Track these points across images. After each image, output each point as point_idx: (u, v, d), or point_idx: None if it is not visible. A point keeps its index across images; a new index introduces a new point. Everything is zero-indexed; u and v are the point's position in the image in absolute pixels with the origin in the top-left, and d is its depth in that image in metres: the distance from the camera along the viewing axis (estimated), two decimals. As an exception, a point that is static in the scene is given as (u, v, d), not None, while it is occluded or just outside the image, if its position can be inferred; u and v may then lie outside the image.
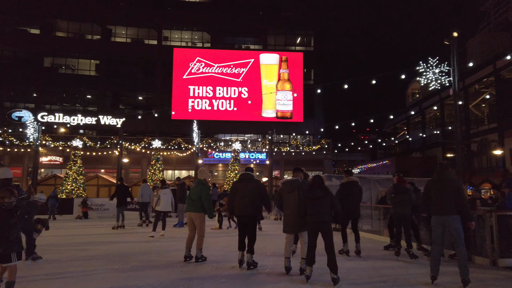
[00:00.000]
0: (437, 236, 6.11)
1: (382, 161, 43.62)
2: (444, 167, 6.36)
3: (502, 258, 7.40)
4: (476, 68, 30.67)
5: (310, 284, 5.82)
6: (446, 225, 5.97)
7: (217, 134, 38.85)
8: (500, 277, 6.49)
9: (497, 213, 7.62)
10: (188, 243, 7.65)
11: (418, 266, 7.37)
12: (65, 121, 33.68)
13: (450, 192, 6.03)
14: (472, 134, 31.99)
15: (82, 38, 39.24)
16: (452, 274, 6.42)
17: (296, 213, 6.39)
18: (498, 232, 7.42)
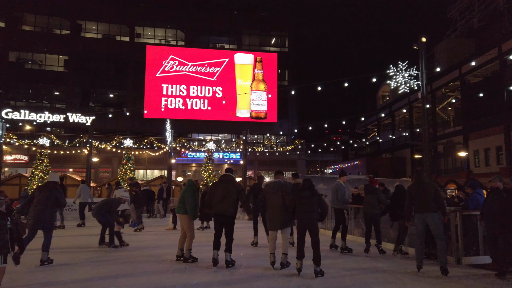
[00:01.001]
0: (421, 232, 6.99)
1: (353, 161, 44.53)
2: (420, 173, 7.52)
3: (466, 256, 7.71)
4: (442, 73, 31.84)
5: (301, 277, 6.38)
6: (427, 221, 6.85)
7: (190, 133, 38.48)
8: (464, 275, 6.76)
9: (461, 213, 7.92)
10: (180, 243, 7.71)
11: (391, 261, 7.56)
12: (31, 118, 32.40)
13: (429, 193, 6.97)
14: (439, 136, 33.17)
15: (50, 32, 37.85)
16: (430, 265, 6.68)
17: (279, 212, 6.93)
18: (463, 232, 7.72)
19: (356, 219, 11.50)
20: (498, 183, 7.26)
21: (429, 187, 7.06)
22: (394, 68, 14.88)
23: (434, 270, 7.00)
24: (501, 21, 31.16)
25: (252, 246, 9.73)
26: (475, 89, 29.12)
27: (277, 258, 7.06)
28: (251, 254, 8.53)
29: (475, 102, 28.97)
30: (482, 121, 28.11)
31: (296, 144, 35.94)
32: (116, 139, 30.58)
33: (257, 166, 35.85)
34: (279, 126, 38.03)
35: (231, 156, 33.85)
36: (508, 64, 25.85)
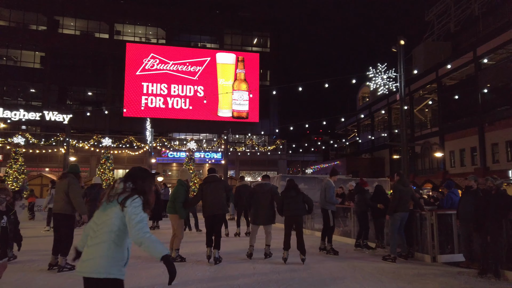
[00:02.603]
0: (397, 226, 7.86)
1: (334, 161, 45.03)
2: (402, 176, 8.30)
3: (441, 255, 7.91)
4: (420, 75, 32.59)
5: (288, 264, 7.41)
6: (403, 218, 7.88)
7: (171, 133, 38.10)
8: (439, 272, 6.93)
9: (437, 212, 8.13)
10: (171, 243, 7.73)
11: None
12: (5, 116, 31.41)
13: (409, 194, 8.00)
14: (416, 137, 33.91)
15: (26, 28, 36.75)
16: (407, 263, 6.80)
17: (265, 210, 7.80)
18: (438, 230, 7.92)
19: (336, 219, 11.63)
20: (472, 182, 7.48)
21: (410, 189, 8.13)
22: (374, 70, 15.11)
23: (411, 268, 7.19)
24: (476, 26, 32.14)
25: (236, 237, 10.85)
26: (451, 91, 29.93)
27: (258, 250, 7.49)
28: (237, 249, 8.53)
29: (451, 104, 29.77)
30: (458, 123, 28.91)
31: (278, 144, 36.09)
32: (94, 138, 29.99)
33: (239, 166, 35.82)
34: (261, 126, 38.10)
35: (213, 156, 33.71)
36: (482, 68, 26.69)
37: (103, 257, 2.63)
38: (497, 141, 24.95)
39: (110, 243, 2.68)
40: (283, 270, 6.91)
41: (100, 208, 2.85)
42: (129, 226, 2.69)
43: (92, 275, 2.61)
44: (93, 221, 2.81)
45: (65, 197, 6.65)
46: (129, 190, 2.83)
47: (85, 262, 2.66)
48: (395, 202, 7.86)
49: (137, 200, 2.77)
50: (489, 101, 26.22)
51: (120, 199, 2.77)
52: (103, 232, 2.71)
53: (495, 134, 25.03)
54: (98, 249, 2.67)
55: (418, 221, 8.42)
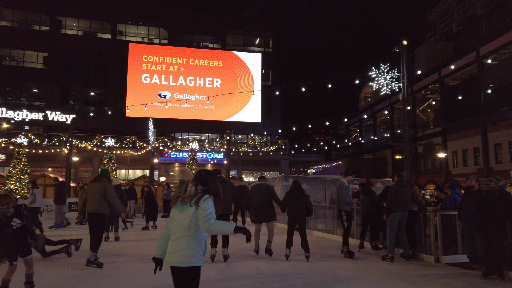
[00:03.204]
0: (395, 226, 7.97)
1: (336, 162, 45.00)
2: (401, 177, 8.34)
3: (444, 256, 7.90)
4: (423, 75, 32.51)
5: (290, 261, 7.77)
6: (402, 218, 7.94)
7: (173, 133, 38.16)
8: (443, 273, 6.92)
9: (440, 213, 8.12)
10: None
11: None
12: (8, 116, 31.52)
13: (408, 195, 8.06)
14: (419, 137, 33.84)
15: (29, 28, 36.87)
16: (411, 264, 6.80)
17: (263, 208, 8.19)
18: (442, 231, 7.91)
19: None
20: (473, 182, 7.43)
21: (409, 189, 8.16)
22: (376, 70, 15.10)
23: (415, 269, 7.19)
24: (479, 26, 32.04)
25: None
26: (453, 91, 29.86)
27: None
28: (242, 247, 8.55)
29: (453, 104, 29.69)
30: (460, 123, 28.83)
31: (280, 144, 36.08)
32: (97, 138, 30.05)
33: (241, 166, 35.85)
34: (263, 126, 38.11)
35: (215, 156, 33.72)
36: (485, 68, 26.61)
37: (186, 249, 3.20)
38: (500, 142, 24.87)
39: (190, 237, 3.23)
40: (286, 271, 6.92)
41: (176, 208, 3.37)
42: (201, 220, 3.18)
43: (179, 265, 3.19)
44: (174, 219, 3.36)
45: (101, 198, 7.24)
46: (200, 192, 3.32)
47: (172, 254, 3.23)
48: (391, 202, 7.99)
49: (208, 200, 3.28)
50: (492, 101, 26.14)
51: (193, 201, 3.26)
52: (183, 228, 3.25)
53: (498, 135, 24.96)
54: (181, 242, 3.23)
55: (422, 221, 8.41)
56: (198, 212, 3.20)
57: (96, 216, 7.25)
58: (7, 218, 5.21)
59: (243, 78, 38.30)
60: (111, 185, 7.57)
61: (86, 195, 7.47)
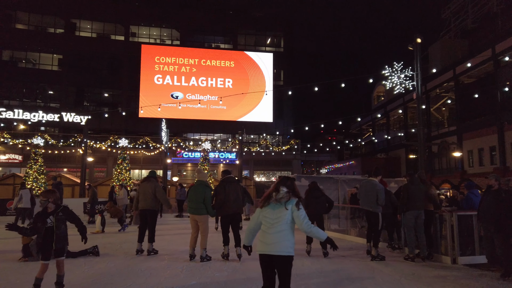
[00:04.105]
0: (412, 225, 7.91)
1: (349, 161, 44.69)
2: (412, 175, 8.27)
3: (461, 256, 7.76)
4: (437, 73, 32.03)
5: (311, 257, 8.16)
6: (417, 217, 7.85)
7: (186, 133, 38.40)
8: (460, 274, 6.80)
9: (457, 213, 7.98)
10: (192, 243, 7.77)
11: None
12: (25, 117, 32.15)
13: (422, 193, 7.97)
14: (433, 136, 33.38)
15: (44, 31, 37.56)
16: (427, 266, 6.71)
17: None
18: (458, 231, 7.77)
19: (353, 220, 11.55)
20: (493, 181, 7.18)
21: (421, 188, 8.10)
22: (390, 69, 14.96)
23: (431, 270, 7.09)
24: (495, 23, 31.43)
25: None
26: (469, 89, 29.36)
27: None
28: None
29: (469, 103, 29.20)
30: (476, 122, 28.34)
31: (292, 144, 35.99)
32: (111, 139, 30.43)
33: (253, 166, 35.88)
34: (275, 126, 38.07)
35: (227, 156, 33.82)
36: (501, 65, 26.10)
37: (285, 241, 3.87)
38: (517, 140, 24.37)
39: (288, 231, 3.91)
40: (300, 270, 6.88)
41: (269, 207, 4.02)
42: (298, 221, 3.93)
43: (281, 253, 3.83)
44: (265, 216, 4.00)
45: (153, 196, 8.23)
46: (288, 195, 4.00)
47: (271, 245, 3.86)
48: (404, 201, 8.01)
49: (298, 202, 4.01)
50: (508, 99, 25.62)
51: (284, 202, 3.96)
52: (280, 224, 3.90)
53: (515, 133, 24.45)
54: (281, 235, 3.87)
55: (438, 222, 8.29)
56: (294, 213, 3.93)
57: (149, 212, 8.27)
58: (44, 213, 5.22)
59: (255, 78, 38.33)
60: (159, 184, 8.59)
61: (137, 194, 8.46)
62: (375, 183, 8.12)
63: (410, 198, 7.92)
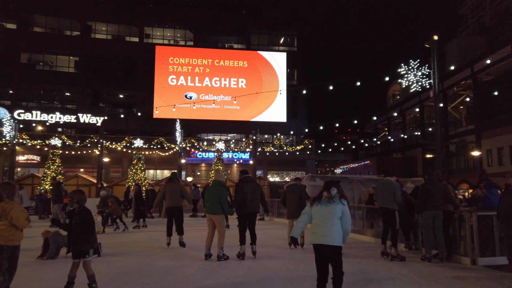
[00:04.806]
0: (429, 225, 7.78)
1: (364, 161, 44.22)
2: (432, 174, 8.11)
3: (481, 257, 7.57)
4: (454, 71, 31.42)
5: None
6: (435, 217, 7.70)
7: (200, 133, 38.60)
8: (480, 276, 6.64)
9: (477, 213, 7.79)
10: (208, 242, 7.83)
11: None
12: (43, 119, 32.79)
13: (440, 193, 7.77)
14: (451, 135, 32.76)
15: (61, 34, 38.27)
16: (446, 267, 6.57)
17: (295, 206, 9.30)
18: (478, 232, 7.59)
19: (368, 220, 11.41)
20: (511, 179, 7.09)
21: (439, 187, 7.87)
22: (406, 67, 14.72)
23: (450, 271, 6.94)
24: (514, 18, 30.67)
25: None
26: (487, 87, 28.70)
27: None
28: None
29: (487, 101, 28.54)
30: (495, 120, 27.68)
31: (306, 144, 35.81)
32: (126, 139, 30.80)
33: (267, 166, 35.83)
34: (289, 125, 37.94)
35: (241, 156, 33.86)
36: (522, 62, 25.45)
37: (337, 233, 4.57)
38: (538, 139, 23.72)
39: (338, 225, 4.60)
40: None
41: (321, 204, 4.71)
42: (347, 219, 4.66)
43: (333, 244, 4.53)
44: (318, 211, 4.70)
45: (178, 195, 9.32)
46: (338, 195, 4.70)
47: (325, 237, 4.55)
48: (421, 201, 7.87)
49: (345, 202, 4.73)
50: (529, 96, 24.96)
51: (336, 201, 4.65)
52: (332, 219, 4.60)
53: (536, 132, 23.81)
54: (333, 229, 4.57)
55: (457, 222, 8.11)
56: (345, 211, 4.65)
57: (176, 209, 9.31)
58: (71, 211, 5.38)
59: (268, 78, 38.29)
60: (183, 185, 9.89)
61: (162, 193, 9.38)
62: (392, 181, 8.28)
63: (427, 197, 7.78)
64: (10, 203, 4.73)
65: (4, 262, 4.61)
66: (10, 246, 4.64)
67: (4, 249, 4.60)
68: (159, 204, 10.20)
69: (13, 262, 4.67)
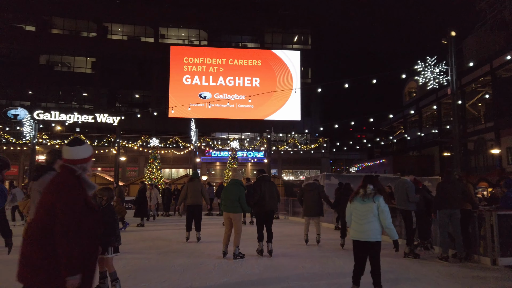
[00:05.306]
0: (446, 224, 7.73)
1: (379, 159, 43.76)
2: (450, 173, 8.12)
3: (502, 257, 7.43)
4: (472, 67, 30.79)
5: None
6: (452, 216, 7.59)
7: (214, 132, 38.80)
8: (501, 276, 6.52)
9: (497, 212, 7.65)
10: (225, 240, 7.93)
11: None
12: (61, 119, 33.46)
13: (457, 192, 7.66)
14: (469, 133, 32.14)
15: (78, 35, 38.96)
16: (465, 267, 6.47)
17: (313, 205, 9.52)
18: (499, 231, 7.45)
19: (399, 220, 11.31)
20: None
21: (457, 186, 7.77)
22: (422, 64, 14.50)
23: (469, 271, 6.85)
24: (535, 13, 29.86)
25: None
26: (507, 84, 28.04)
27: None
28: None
29: (507, 98, 27.88)
30: (515, 117, 27.04)
31: (320, 143, 35.63)
32: (142, 139, 31.19)
33: (281, 164, 35.78)
34: (303, 124, 37.81)
35: (255, 155, 33.91)
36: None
37: (375, 229, 4.82)
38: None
39: (376, 221, 4.84)
40: (332, 269, 6.82)
41: (357, 201, 4.98)
42: (382, 215, 4.81)
43: (372, 240, 4.80)
44: (355, 209, 4.97)
45: (199, 194, 9.93)
46: (374, 191, 4.89)
47: (364, 233, 4.83)
48: (437, 199, 7.85)
49: (382, 198, 4.90)
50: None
51: (372, 197, 4.87)
52: (370, 216, 4.83)
53: (558, 129, 23.14)
54: (370, 226, 4.81)
55: (476, 221, 7.97)
56: (380, 207, 4.81)
57: (197, 207, 9.95)
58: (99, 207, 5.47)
59: (282, 76, 38.22)
60: (203, 184, 10.46)
61: (185, 192, 10.00)
62: (405, 181, 8.31)
63: (443, 196, 7.70)
64: None
65: None
66: None
67: None
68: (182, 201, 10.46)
69: None
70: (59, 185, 2.73)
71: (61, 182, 2.75)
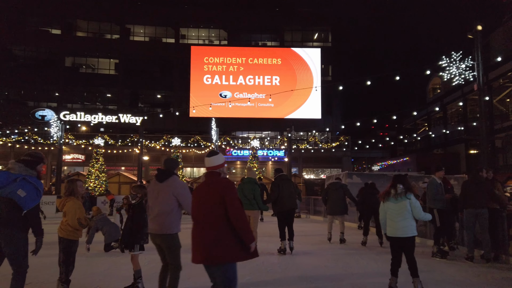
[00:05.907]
0: (471, 224, 7.63)
1: (403, 158, 42.92)
2: (476, 172, 8.00)
3: (533, 258, 7.19)
4: (500, 62, 29.78)
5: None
6: (478, 215, 7.45)
7: (235, 131, 38.96)
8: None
9: (527, 212, 7.40)
10: None
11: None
12: (86, 119, 34.32)
13: (482, 191, 7.49)
14: (496, 130, 31.14)
15: (102, 37, 39.87)
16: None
17: (338, 203, 9.70)
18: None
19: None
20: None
21: (483, 185, 7.64)
22: (447, 59, 14.15)
23: (498, 272, 6.67)
24: None
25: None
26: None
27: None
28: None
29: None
30: (546, 113, 26.01)
31: (341, 141, 35.25)
32: (164, 138, 31.65)
33: (302, 163, 35.60)
34: (323, 122, 37.49)
35: (275, 154, 33.87)
36: None
37: (409, 226, 5.18)
38: None
39: (410, 218, 5.22)
40: (356, 270, 6.75)
41: (390, 201, 5.33)
42: (415, 210, 5.20)
43: (409, 235, 5.18)
44: (389, 208, 5.33)
45: None
46: (404, 190, 5.24)
47: (400, 230, 5.19)
48: (462, 199, 7.78)
49: (412, 195, 5.26)
50: None
51: (404, 196, 5.21)
52: (405, 213, 5.19)
53: None
54: (405, 223, 5.18)
55: (505, 221, 7.73)
56: (411, 204, 5.18)
57: None
58: (130, 205, 5.72)
59: (302, 74, 38.00)
60: None
61: None
62: (431, 180, 8.27)
63: (469, 195, 7.55)
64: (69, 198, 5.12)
65: (60, 255, 4.95)
66: (67, 239, 4.98)
67: (62, 241, 4.96)
68: None
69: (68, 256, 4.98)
70: (227, 184, 3.63)
71: (226, 182, 3.66)
